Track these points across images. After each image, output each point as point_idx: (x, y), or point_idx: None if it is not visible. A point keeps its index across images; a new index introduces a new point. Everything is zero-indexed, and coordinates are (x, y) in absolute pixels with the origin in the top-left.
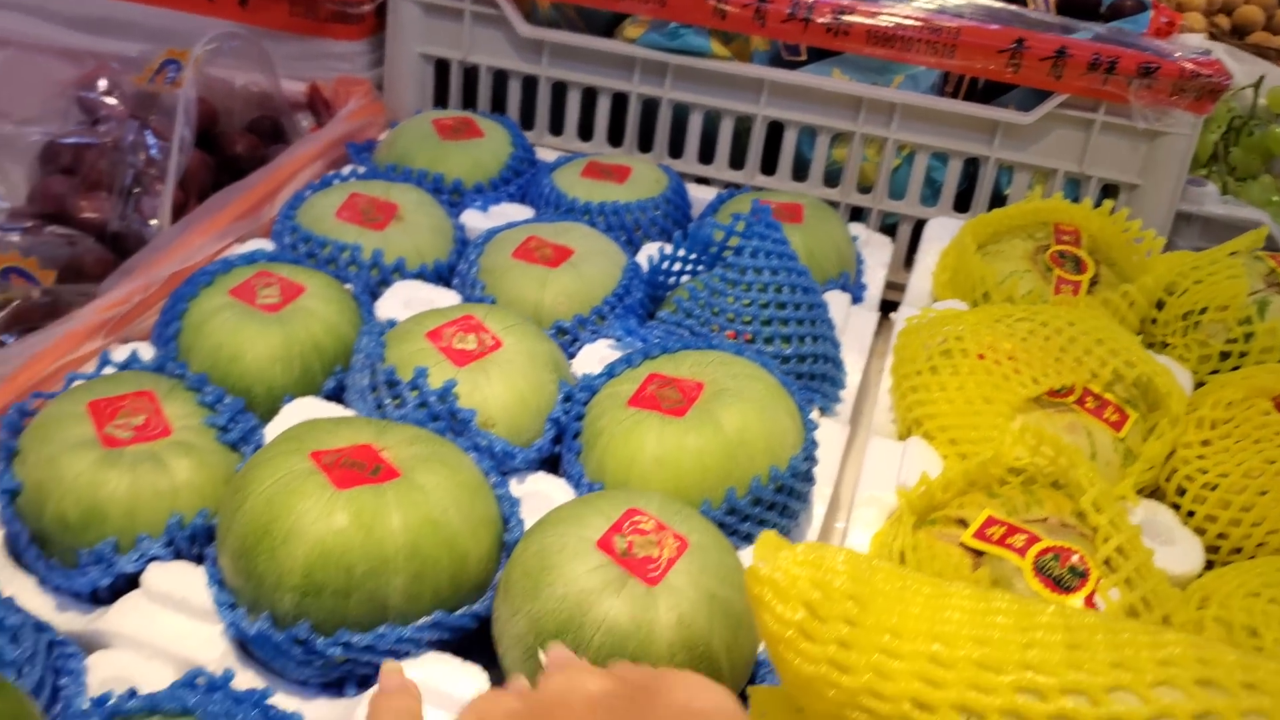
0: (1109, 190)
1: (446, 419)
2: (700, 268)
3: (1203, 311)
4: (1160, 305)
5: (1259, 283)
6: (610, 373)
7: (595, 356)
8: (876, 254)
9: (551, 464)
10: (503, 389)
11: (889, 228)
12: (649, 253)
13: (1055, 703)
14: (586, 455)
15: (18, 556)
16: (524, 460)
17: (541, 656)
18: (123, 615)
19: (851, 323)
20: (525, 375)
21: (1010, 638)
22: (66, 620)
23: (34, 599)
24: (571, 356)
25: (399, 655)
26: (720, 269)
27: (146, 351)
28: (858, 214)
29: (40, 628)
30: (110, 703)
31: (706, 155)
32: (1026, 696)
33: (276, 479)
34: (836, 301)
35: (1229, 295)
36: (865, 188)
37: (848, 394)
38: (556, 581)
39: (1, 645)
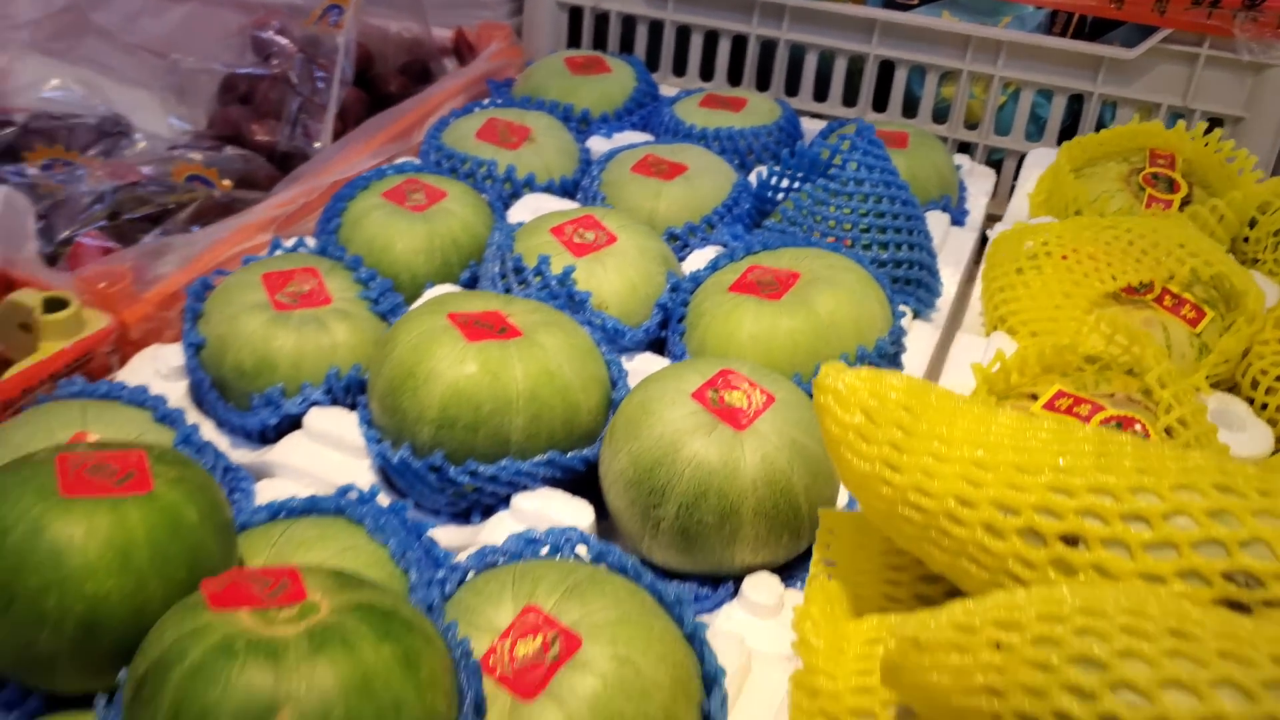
0: (1213, 124)
1: (565, 300)
2: (807, 185)
3: None
4: (1253, 224)
5: None
6: (714, 266)
7: (703, 259)
8: (979, 183)
9: (658, 347)
10: (616, 277)
11: (994, 164)
12: (759, 171)
13: (1082, 499)
14: (689, 335)
15: (200, 401)
16: (632, 339)
17: None
18: (286, 450)
19: (950, 241)
20: (636, 266)
21: (1047, 448)
22: (239, 455)
23: (212, 436)
24: (681, 260)
25: (517, 488)
26: (824, 180)
27: (310, 243)
28: (964, 149)
29: (218, 454)
30: (275, 505)
31: (821, 93)
32: (1057, 494)
33: (420, 332)
34: (936, 221)
35: None
36: (972, 124)
37: (943, 303)
38: (655, 424)
39: (189, 454)
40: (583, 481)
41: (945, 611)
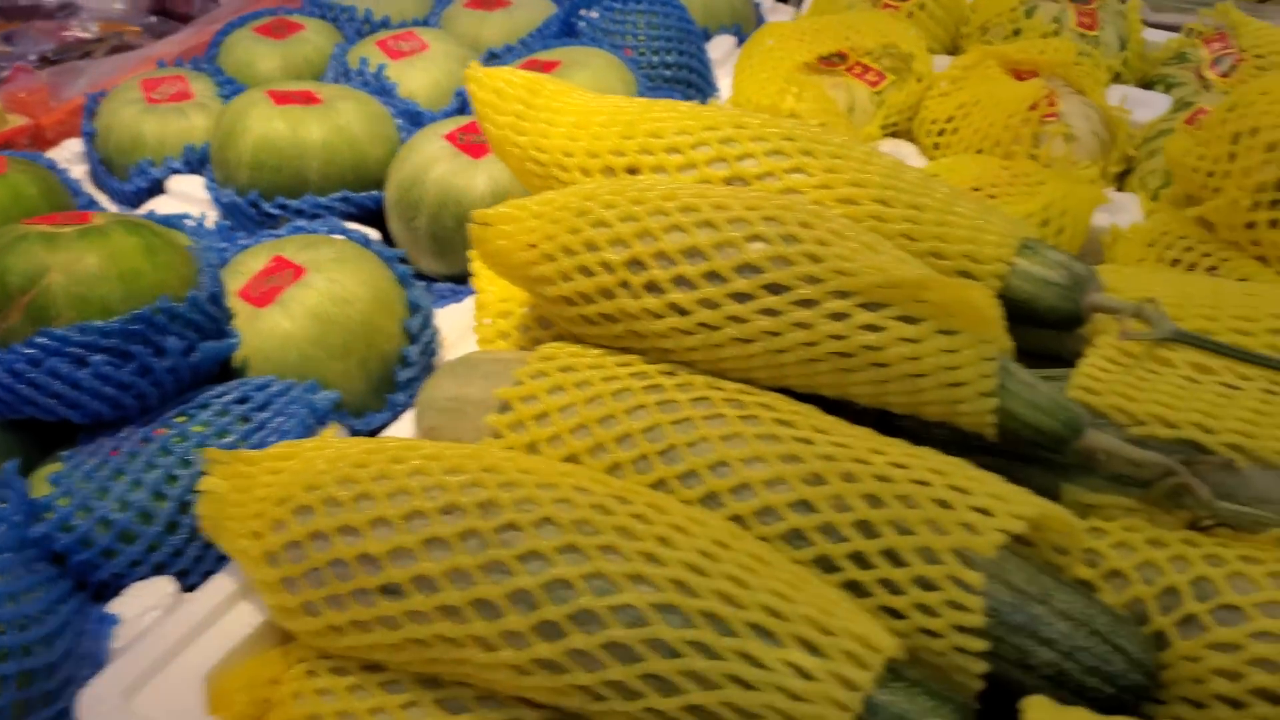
0: None
1: (378, 90)
2: (599, 8)
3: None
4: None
5: None
6: (505, 63)
7: None
8: (779, 19)
9: None
10: (423, 75)
11: None
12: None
13: (640, 141)
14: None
15: (95, 179)
16: (430, 118)
17: None
18: (153, 205)
19: (732, 59)
20: (442, 67)
21: (622, 111)
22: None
23: (107, 205)
24: None
25: (318, 218)
26: (610, 2)
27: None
28: None
29: (93, 201)
30: None
31: None
32: (624, 140)
33: (243, 103)
34: (723, 41)
35: (1007, 3)
36: None
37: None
38: (414, 156)
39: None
40: (374, 222)
41: (525, 199)
